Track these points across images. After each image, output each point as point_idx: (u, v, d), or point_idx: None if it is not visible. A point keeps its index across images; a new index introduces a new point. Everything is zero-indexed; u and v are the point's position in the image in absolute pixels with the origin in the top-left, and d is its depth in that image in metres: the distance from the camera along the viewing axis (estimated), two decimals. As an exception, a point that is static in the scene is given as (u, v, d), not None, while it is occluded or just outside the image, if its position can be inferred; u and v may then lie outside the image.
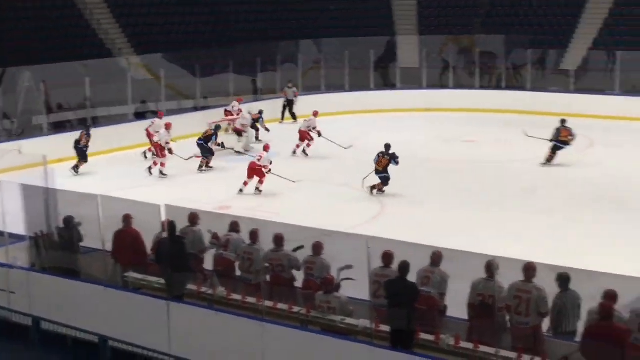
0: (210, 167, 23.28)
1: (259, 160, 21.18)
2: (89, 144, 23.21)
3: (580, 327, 9.65)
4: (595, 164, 23.06)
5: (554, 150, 23.22)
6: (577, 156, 23.99)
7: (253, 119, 27.12)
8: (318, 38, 34.85)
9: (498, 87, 32.08)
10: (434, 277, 10.34)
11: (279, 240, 11.46)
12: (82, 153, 23.16)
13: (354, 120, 29.99)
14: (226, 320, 10.98)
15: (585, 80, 31.69)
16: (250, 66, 31.38)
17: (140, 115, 27.92)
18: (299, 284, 11.49)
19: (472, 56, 33.16)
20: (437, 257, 10.47)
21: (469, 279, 10.13)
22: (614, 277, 9.55)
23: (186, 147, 24.16)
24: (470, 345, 9.75)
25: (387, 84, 33.51)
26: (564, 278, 9.85)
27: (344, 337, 10.28)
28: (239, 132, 25.11)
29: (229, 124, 26.63)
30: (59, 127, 26.58)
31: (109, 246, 12.30)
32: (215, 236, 12.31)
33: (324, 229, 12.40)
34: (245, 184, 21.07)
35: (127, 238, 12.32)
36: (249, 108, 27.34)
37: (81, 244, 12.88)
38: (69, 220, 12.93)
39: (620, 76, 30.14)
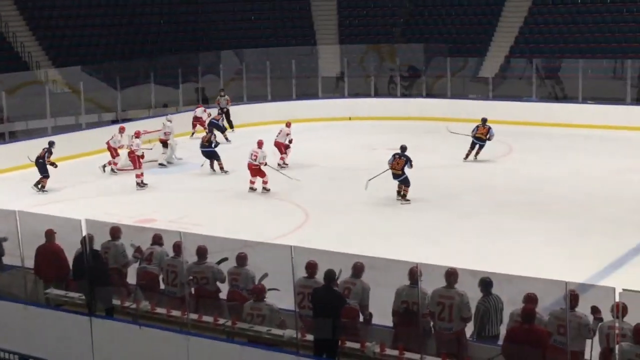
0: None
1: (254, 159, 21.37)
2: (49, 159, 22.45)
3: (503, 330, 9.82)
4: (514, 169, 23.47)
5: (472, 146, 24.26)
6: (496, 162, 24.45)
7: (215, 120, 27.70)
8: (239, 48, 34.80)
9: (419, 95, 32.44)
10: (355, 289, 10.33)
11: (202, 252, 11.37)
12: (42, 167, 22.34)
13: (277, 130, 29.96)
14: (151, 335, 10.86)
15: (503, 87, 32.29)
16: (172, 77, 31.14)
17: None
18: (224, 295, 11.42)
19: (393, 65, 33.45)
20: (358, 268, 10.39)
21: (393, 286, 10.19)
22: (534, 280, 9.74)
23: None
24: (395, 352, 9.82)
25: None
26: (486, 282, 9.99)
27: (270, 348, 10.25)
28: (163, 143, 24.86)
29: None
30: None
31: (28, 263, 12.05)
32: (138, 249, 12.17)
33: (248, 239, 12.35)
34: (252, 182, 21.47)
35: (50, 254, 12.10)
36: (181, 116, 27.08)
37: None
38: (-11, 238, 12.65)
39: (537, 82, 30.77)
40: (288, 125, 25.22)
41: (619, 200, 19.79)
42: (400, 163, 20.34)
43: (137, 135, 23.28)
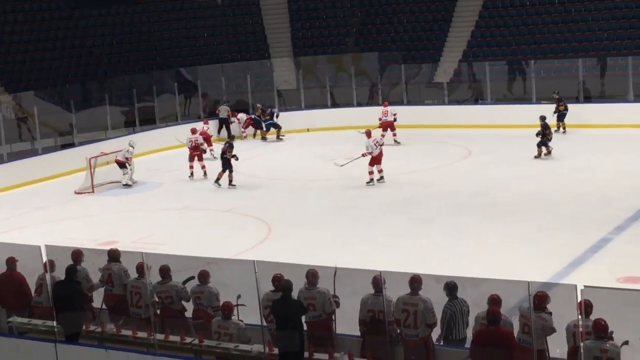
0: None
1: (370, 153, 22.62)
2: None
3: (470, 333, 9.88)
4: (473, 172, 23.65)
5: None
6: (455, 165, 24.62)
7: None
8: (193, 65, 34.73)
9: (375, 103, 32.57)
10: (317, 302, 10.30)
11: (165, 272, 11.31)
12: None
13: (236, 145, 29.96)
14: (118, 358, 10.78)
15: (458, 92, 32.55)
16: (127, 98, 30.99)
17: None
18: (189, 314, 11.36)
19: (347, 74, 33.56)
20: (312, 276, 10.36)
21: (358, 295, 10.22)
22: (498, 282, 9.82)
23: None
24: (364, 361, 9.85)
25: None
26: (450, 287, 10.06)
27: (239, 364, 10.23)
28: (121, 164, 24.68)
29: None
30: None
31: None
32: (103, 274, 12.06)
33: (212, 256, 12.30)
34: (371, 173, 22.59)
35: (11, 282, 11.96)
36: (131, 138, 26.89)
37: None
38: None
39: (490, 86, 31.05)
40: (386, 104, 28.10)
41: (578, 198, 20.01)
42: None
43: (193, 131, 25.84)
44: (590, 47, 32.43)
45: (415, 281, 9.84)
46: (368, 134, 23.53)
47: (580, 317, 8.82)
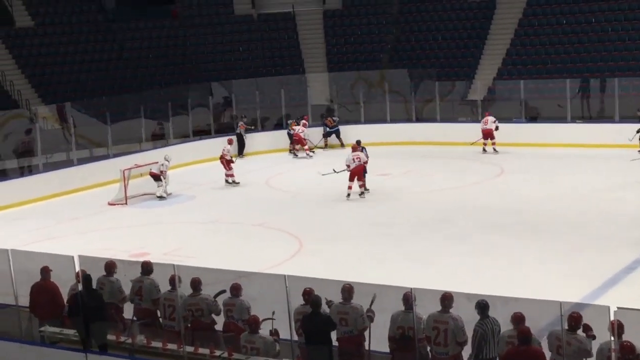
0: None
1: (359, 161, 23.07)
2: None
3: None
4: (506, 190, 23.53)
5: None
6: (488, 183, 24.52)
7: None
8: (228, 79, 34.91)
9: (408, 120, 32.53)
10: (350, 318, 10.28)
11: (196, 284, 11.35)
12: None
13: (268, 159, 30.07)
14: (147, 369, 10.84)
15: (492, 109, 32.41)
16: (161, 111, 31.20)
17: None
18: (220, 326, 11.39)
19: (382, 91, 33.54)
20: (347, 292, 10.35)
21: (388, 312, 10.19)
22: (530, 301, 9.74)
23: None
24: (393, 378, 9.81)
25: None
26: (482, 306, 9.97)
27: (268, 378, 10.23)
28: (155, 177, 24.84)
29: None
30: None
31: (21, 300, 12.01)
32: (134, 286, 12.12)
33: (243, 270, 12.34)
34: (350, 187, 23.00)
35: (45, 291, 12.05)
36: (167, 151, 27.07)
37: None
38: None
39: (525, 104, 30.90)
40: (487, 114, 28.92)
41: (610, 218, 19.83)
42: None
43: (230, 142, 26.92)
44: (626, 66, 32.19)
45: (447, 299, 9.79)
46: (353, 149, 24.16)
47: (612, 338, 8.73)
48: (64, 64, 35.07)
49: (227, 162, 26.10)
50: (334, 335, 10.24)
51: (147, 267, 12.03)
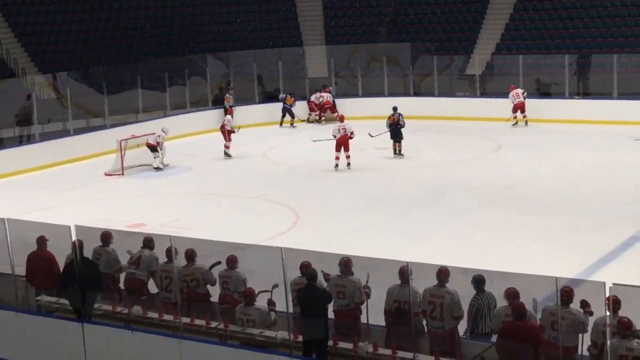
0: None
1: (344, 131, 23.38)
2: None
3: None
4: (503, 166, 23.52)
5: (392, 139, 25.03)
6: (485, 158, 24.52)
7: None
8: (226, 51, 34.74)
9: (406, 93, 32.44)
10: (347, 289, 10.34)
11: (190, 255, 11.35)
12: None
13: (266, 131, 30.02)
14: (143, 339, 10.87)
15: (491, 85, 32.35)
16: (159, 81, 31.08)
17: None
18: (214, 299, 11.41)
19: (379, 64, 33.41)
20: (345, 265, 10.39)
21: (385, 285, 10.21)
22: (525, 276, 9.76)
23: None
24: (388, 352, 9.85)
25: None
26: (478, 280, 10.03)
27: (263, 350, 10.26)
28: (152, 148, 24.79)
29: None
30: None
31: (18, 270, 12.02)
32: (132, 256, 12.15)
33: (239, 242, 12.34)
34: (338, 158, 23.31)
35: (41, 261, 12.07)
36: (164, 122, 26.98)
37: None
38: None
39: (523, 79, 30.80)
40: (512, 87, 28.68)
41: (606, 195, 19.85)
42: (396, 118, 24.34)
43: (230, 112, 28.06)
44: (626, 43, 32.09)
45: (443, 273, 9.82)
46: (340, 119, 24.67)
47: (608, 313, 8.76)
48: (61, 33, 34.86)
49: (228, 133, 26.01)
50: (330, 307, 10.27)
51: (149, 243, 12.04)
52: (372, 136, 25.83)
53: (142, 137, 25.36)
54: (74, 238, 11.42)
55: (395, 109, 25.36)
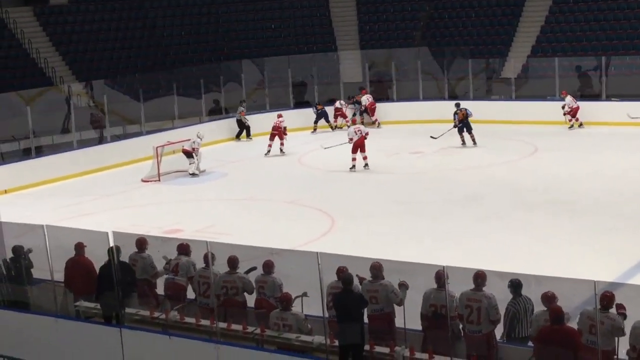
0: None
1: (359, 133, 23.93)
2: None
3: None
4: (540, 169, 23.35)
5: (460, 131, 26.24)
6: (522, 162, 24.37)
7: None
8: (260, 57, 34.87)
9: (441, 97, 32.34)
10: (379, 295, 10.33)
11: (233, 262, 11.39)
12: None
13: (300, 137, 30.06)
14: (180, 344, 10.91)
15: (526, 87, 32.13)
16: (194, 88, 31.27)
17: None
18: (250, 303, 11.44)
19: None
20: (376, 269, 10.38)
21: (421, 290, 10.18)
22: (563, 280, 9.69)
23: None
24: (425, 356, 9.82)
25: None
26: (515, 284, 9.97)
27: (300, 355, 10.27)
28: (187, 154, 24.94)
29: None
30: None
31: (57, 276, 12.14)
32: (168, 262, 12.23)
33: (275, 247, 12.37)
34: (354, 159, 23.91)
35: (79, 267, 12.18)
36: (199, 128, 27.13)
37: (29, 275, 12.74)
38: (18, 250, 12.76)
39: (559, 81, 30.60)
40: (564, 93, 28.57)
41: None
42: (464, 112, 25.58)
43: (279, 115, 27.74)
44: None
45: (479, 277, 9.78)
46: (354, 121, 26.03)
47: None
48: (97, 41, 35.20)
49: (282, 132, 26.95)
50: (365, 313, 10.27)
51: (185, 249, 12.12)
52: (434, 138, 26.28)
53: (177, 143, 25.51)
54: (111, 244, 11.52)
55: (458, 105, 26.21)
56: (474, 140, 26.36)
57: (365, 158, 24.00)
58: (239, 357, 10.55)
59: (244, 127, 30.22)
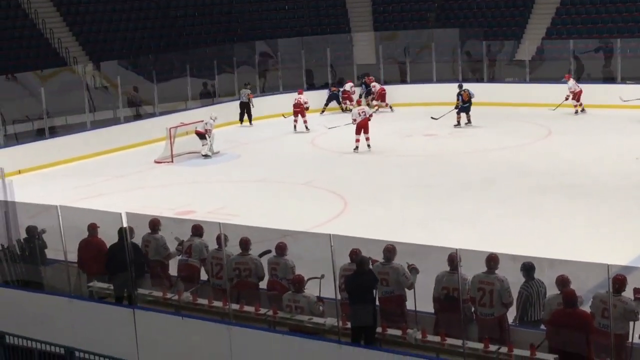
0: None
1: (363, 114, 24.16)
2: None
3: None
4: (553, 152, 23.27)
5: (459, 112, 26.62)
6: (535, 144, 24.29)
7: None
8: (273, 38, 34.79)
9: (454, 79, 32.20)
10: (390, 277, 10.31)
11: (245, 244, 11.40)
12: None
13: (315, 118, 30.02)
14: (193, 325, 10.96)
15: (541, 70, 31.95)
16: (207, 69, 31.24)
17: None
18: (263, 285, 11.46)
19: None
20: (389, 252, 10.35)
21: (433, 272, 10.18)
22: (576, 264, 9.67)
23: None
24: (437, 339, 9.82)
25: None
26: (528, 267, 9.95)
27: (312, 337, 10.29)
28: (200, 135, 24.94)
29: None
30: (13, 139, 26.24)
31: (70, 256, 12.19)
32: (181, 243, 12.26)
33: (288, 229, 12.38)
34: (358, 140, 24.00)
35: (92, 247, 12.23)
36: (213, 110, 27.13)
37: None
38: (32, 230, 12.82)
39: (574, 64, 30.44)
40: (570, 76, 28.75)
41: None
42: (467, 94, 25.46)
43: (300, 92, 28.35)
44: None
45: (492, 260, 9.76)
46: (358, 103, 26.72)
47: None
48: (111, 21, 35.21)
49: (304, 108, 27.54)
50: (376, 295, 10.27)
51: (198, 231, 12.13)
52: (435, 119, 26.41)
53: (191, 124, 25.52)
54: (124, 225, 11.55)
55: (460, 86, 26.70)
56: (469, 119, 26.82)
57: (368, 139, 24.07)
58: (251, 338, 10.58)
59: (245, 111, 29.62)
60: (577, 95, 28.18)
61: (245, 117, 29.67)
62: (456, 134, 25.61)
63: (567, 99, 28.21)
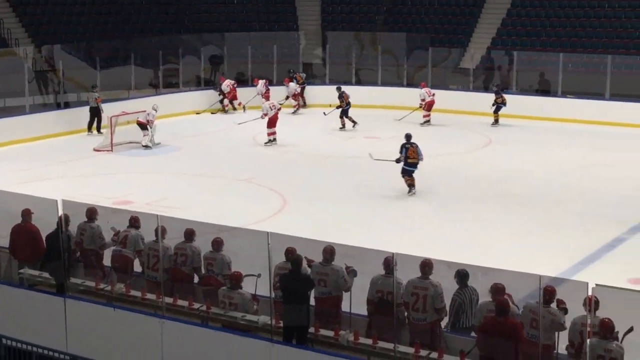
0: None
1: (265, 114, 24.73)
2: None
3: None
4: (492, 161, 23.55)
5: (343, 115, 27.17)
6: (474, 153, 24.55)
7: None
8: (221, 32, 34.62)
9: (400, 84, 32.41)
10: (329, 278, 10.33)
11: (189, 235, 11.38)
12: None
13: (254, 115, 29.93)
14: (124, 317, 10.86)
15: (484, 79, 32.34)
16: (152, 59, 30.97)
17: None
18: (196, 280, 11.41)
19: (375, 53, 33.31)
20: (328, 253, 10.36)
21: (368, 275, 10.22)
22: (509, 273, 9.78)
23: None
24: (369, 341, 9.86)
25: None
26: (462, 275, 10.04)
27: (245, 334, 10.26)
28: (142, 126, 24.70)
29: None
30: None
31: (1, 242, 11.98)
32: (116, 233, 12.13)
33: (225, 224, 12.33)
34: (270, 134, 24.67)
35: (25, 234, 12.02)
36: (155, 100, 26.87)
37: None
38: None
39: (517, 75, 30.86)
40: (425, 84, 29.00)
41: (595, 195, 19.87)
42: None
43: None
44: (621, 44, 32.10)
45: (427, 265, 9.82)
46: (266, 97, 27.83)
47: (589, 314, 8.78)
48: (56, 4, 34.67)
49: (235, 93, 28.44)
50: (312, 295, 10.28)
51: (135, 222, 12.03)
52: (325, 114, 27.42)
53: (133, 114, 25.26)
54: (60, 212, 11.39)
55: (339, 88, 27.60)
56: (354, 122, 27.47)
57: (270, 134, 24.81)
58: (183, 332, 10.52)
59: (96, 116, 26.61)
60: (428, 105, 28.39)
61: (95, 124, 26.67)
62: (398, 139, 25.72)
63: (420, 107, 28.44)
